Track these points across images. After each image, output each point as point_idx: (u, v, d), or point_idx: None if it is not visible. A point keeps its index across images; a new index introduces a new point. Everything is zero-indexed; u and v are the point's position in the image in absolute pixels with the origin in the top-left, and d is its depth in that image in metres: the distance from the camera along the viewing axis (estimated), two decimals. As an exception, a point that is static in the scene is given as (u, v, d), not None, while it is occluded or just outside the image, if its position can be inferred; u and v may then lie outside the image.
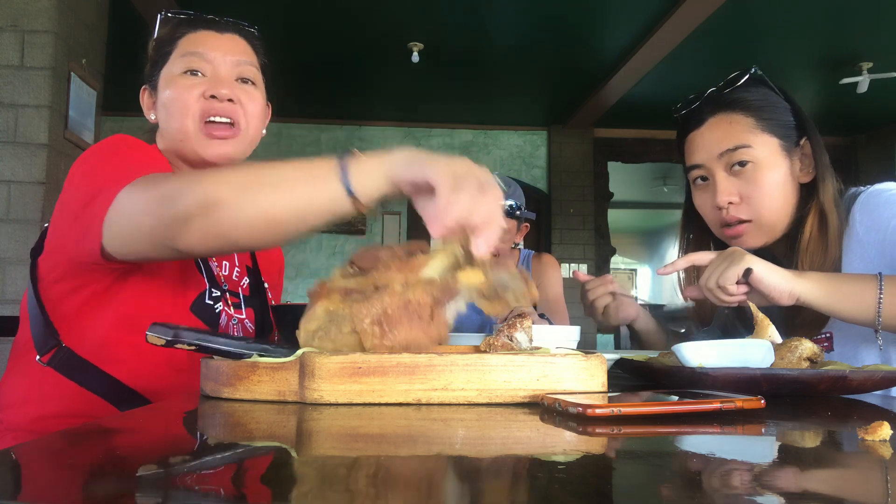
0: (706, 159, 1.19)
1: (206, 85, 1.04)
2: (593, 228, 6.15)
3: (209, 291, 1.05)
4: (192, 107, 1.03)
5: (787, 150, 1.17)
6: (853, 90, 4.76)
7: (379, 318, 0.61)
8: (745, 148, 1.15)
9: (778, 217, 1.17)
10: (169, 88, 1.05)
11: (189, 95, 1.03)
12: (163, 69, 1.08)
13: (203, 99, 1.03)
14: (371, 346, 0.62)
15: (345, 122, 6.08)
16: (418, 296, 0.62)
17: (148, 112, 1.12)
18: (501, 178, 2.13)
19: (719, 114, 1.19)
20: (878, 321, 0.96)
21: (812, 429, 0.58)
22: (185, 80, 1.04)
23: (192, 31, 1.08)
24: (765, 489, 0.35)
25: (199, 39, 1.07)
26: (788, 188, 1.16)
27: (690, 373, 0.75)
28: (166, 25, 1.11)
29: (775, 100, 1.19)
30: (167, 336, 0.64)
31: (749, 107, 1.17)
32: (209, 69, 1.06)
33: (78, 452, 0.43)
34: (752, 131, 1.16)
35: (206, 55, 1.05)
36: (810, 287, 0.99)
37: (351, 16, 4.10)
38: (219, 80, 1.05)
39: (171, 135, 1.07)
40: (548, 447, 0.47)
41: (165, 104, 1.05)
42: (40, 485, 0.35)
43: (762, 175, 1.15)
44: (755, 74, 1.21)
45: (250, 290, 1.16)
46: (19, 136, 2.68)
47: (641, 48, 4.36)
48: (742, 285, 1.01)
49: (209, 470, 0.39)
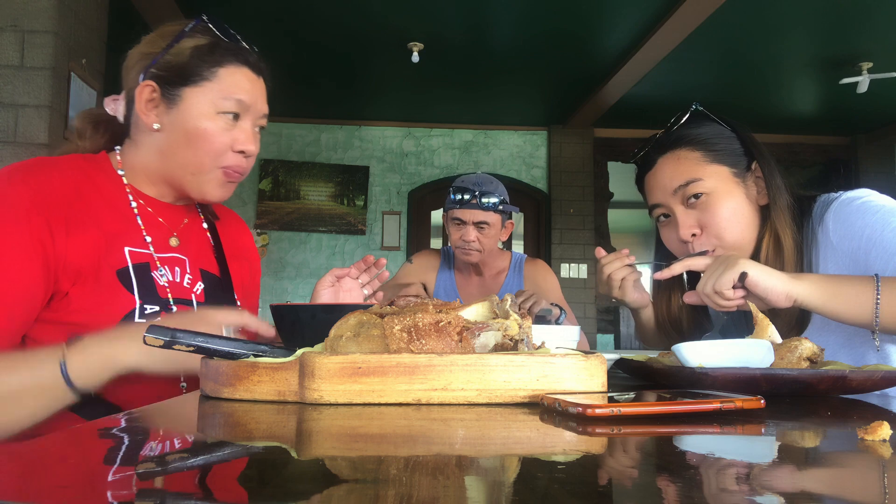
0: (662, 198, 1.24)
1: (237, 137, 1.05)
2: (593, 228, 6.16)
3: (141, 309, 0.98)
4: (221, 154, 1.04)
5: (740, 175, 1.20)
6: (853, 90, 4.76)
7: (409, 328, 0.62)
8: (696, 182, 1.19)
9: (742, 240, 1.19)
10: (200, 122, 1.02)
11: (221, 141, 1.03)
12: (190, 87, 1.02)
13: (231, 151, 1.05)
14: (396, 350, 0.62)
15: (345, 122, 6.08)
16: (450, 318, 0.64)
17: (149, 114, 1.03)
18: (484, 175, 2.16)
19: (668, 153, 1.23)
20: (875, 322, 0.97)
21: (812, 429, 0.58)
22: (220, 123, 1.03)
23: (233, 63, 1.05)
24: (765, 489, 0.35)
25: (239, 81, 1.05)
26: (746, 212, 1.19)
27: (690, 373, 0.75)
28: (205, 36, 1.05)
29: (719, 130, 1.23)
30: (165, 337, 0.64)
31: (694, 141, 1.21)
32: (242, 115, 1.06)
33: (78, 452, 0.43)
34: (700, 164, 1.20)
35: (244, 102, 1.05)
36: (808, 289, 0.99)
37: (351, 16, 4.10)
38: (248, 136, 1.06)
39: (180, 163, 1.04)
40: (548, 447, 0.47)
41: (189, 134, 1.02)
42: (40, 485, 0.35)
43: (717, 204, 1.18)
44: (696, 111, 1.25)
45: (206, 295, 1.11)
46: (19, 136, 2.68)
47: (641, 48, 4.36)
48: (739, 289, 1.01)
49: (209, 470, 0.39)
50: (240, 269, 1.23)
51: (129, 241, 1.02)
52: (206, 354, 0.67)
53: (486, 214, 2.08)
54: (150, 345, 0.64)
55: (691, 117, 1.24)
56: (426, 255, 2.37)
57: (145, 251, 1.04)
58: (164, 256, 1.06)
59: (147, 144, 1.06)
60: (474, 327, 0.64)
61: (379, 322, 0.65)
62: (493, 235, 2.14)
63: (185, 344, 0.65)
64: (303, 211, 5.98)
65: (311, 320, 0.90)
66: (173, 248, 1.09)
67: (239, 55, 1.06)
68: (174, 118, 1.03)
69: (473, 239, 2.10)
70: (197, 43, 1.04)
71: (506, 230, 2.20)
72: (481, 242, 2.12)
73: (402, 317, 0.63)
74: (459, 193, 2.09)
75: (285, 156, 6.02)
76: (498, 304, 0.70)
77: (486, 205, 2.07)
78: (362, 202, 6.06)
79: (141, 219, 1.06)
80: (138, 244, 1.04)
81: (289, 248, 5.99)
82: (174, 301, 1.04)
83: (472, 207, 2.07)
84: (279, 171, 5.97)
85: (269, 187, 5.95)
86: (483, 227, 2.09)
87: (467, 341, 0.63)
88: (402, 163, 6.18)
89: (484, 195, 2.07)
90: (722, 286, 1.01)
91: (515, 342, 0.65)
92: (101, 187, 1.04)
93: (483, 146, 6.26)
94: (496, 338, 0.64)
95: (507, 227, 2.20)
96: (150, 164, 1.06)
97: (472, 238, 2.09)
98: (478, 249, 2.13)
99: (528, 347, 0.67)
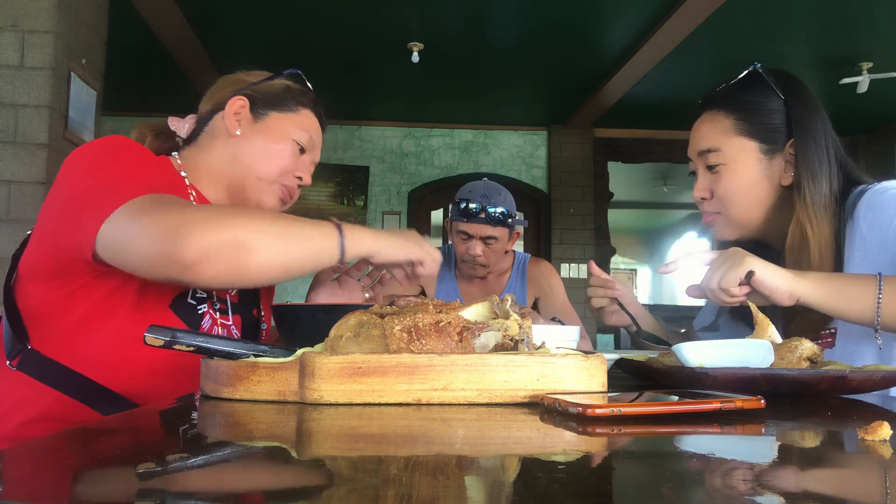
0: (691, 154, 1.26)
1: (300, 166, 1.19)
2: (593, 228, 6.15)
3: (193, 291, 1.05)
4: (286, 172, 1.16)
5: (767, 152, 1.18)
6: (853, 90, 4.76)
7: (409, 328, 0.62)
8: (715, 152, 1.19)
9: (747, 216, 1.20)
10: (279, 141, 1.15)
11: (289, 162, 1.16)
12: (277, 113, 1.17)
13: (292, 174, 1.18)
14: (396, 350, 0.62)
15: (345, 122, 6.08)
16: (450, 318, 0.64)
17: (234, 122, 1.14)
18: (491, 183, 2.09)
19: (707, 111, 1.23)
20: (877, 321, 0.97)
21: (812, 429, 0.58)
22: (293, 149, 1.17)
23: (311, 108, 1.22)
24: (765, 489, 0.35)
25: (312, 124, 1.22)
26: (760, 190, 1.18)
27: (690, 373, 0.75)
28: (298, 82, 1.24)
29: (766, 101, 1.19)
30: (165, 337, 0.64)
31: (733, 108, 1.20)
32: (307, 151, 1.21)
33: (78, 452, 0.43)
34: (727, 134, 1.19)
35: (312, 140, 1.21)
36: (810, 288, 0.99)
37: (351, 16, 4.10)
38: (307, 168, 1.21)
39: (251, 168, 1.13)
40: (548, 447, 0.47)
41: (268, 147, 1.14)
42: (41, 485, 0.35)
43: (730, 176, 1.19)
44: (754, 72, 1.21)
45: (239, 297, 1.16)
46: (19, 136, 2.68)
47: (641, 48, 4.36)
48: (744, 286, 1.01)
49: (209, 470, 0.39)
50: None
51: None
52: (206, 354, 0.67)
53: (493, 229, 2.01)
54: (151, 344, 0.64)
55: (746, 78, 1.22)
56: None
57: None
58: None
59: (220, 148, 1.15)
60: (474, 327, 0.64)
61: (379, 322, 0.65)
62: (500, 249, 2.08)
63: (185, 344, 0.65)
64: (303, 211, 5.93)
65: (311, 320, 0.90)
66: None
67: (316, 106, 1.25)
68: (258, 130, 1.15)
69: (480, 253, 2.04)
70: (290, 84, 1.22)
71: (512, 241, 2.14)
72: (487, 256, 2.06)
73: (403, 317, 0.63)
74: (465, 204, 2.01)
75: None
76: (498, 304, 0.70)
77: (494, 218, 2.00)
78: (362, 202, 6.06)
79: None
80: None
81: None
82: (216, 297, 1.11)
83: (479, 222, 2.00)
84: (279, 171, 5.96)
85: (269, 187, 5.95)
86: (490, 241, 2.03)
87: (467, 341, 0.63)
88: (402, 163, 6.17)
89: (491, 208, 1.99)
90: (728, 283, 1.01)
91: (515, 342, 0.65)
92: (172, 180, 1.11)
93: (483, 146, 6.26)
94: (496, 338, 0.64)
95: (513, 237, 2.13)
96: (219, 166, 1.14)
97: (478, 252, 2.03)
98: (483, 264, 2.08)
99: (529, 347, 0.67)
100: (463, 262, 2.12)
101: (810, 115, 1.17)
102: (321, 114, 1.26)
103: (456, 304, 0.70)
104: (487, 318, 0.69)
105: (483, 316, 0.69)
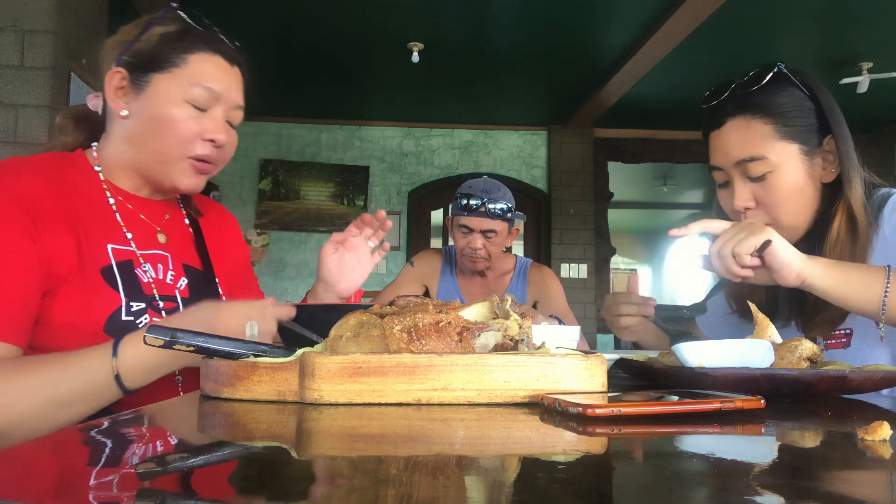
0: (724, 163, 1.17)
1: (206, 126, 1.02)
2: (593, 228, 6.15)
3: (127, 307, 0.97)
4: (188, 142, 1.01)
5: (808, 153, 1.14)
6: (853, 90, 4.76)
7: (409, 328, 0.62)
8: (761, 160, 1.12)
9: (797, 219, 1.15)
10: (167, 108, 1.00)
11: (188, 129, 1.01)
12: (159, 74, 1.00)
13: (200, 140, 1.02)
14: (396, 350, 0.62)
15: (345, 122, 6.08)
16: (450, 318, 0.64)
17: (118, 101, 1.01)
18: (491, 180, 2.16)
19: (738, 116, 1.15)
20: (881, 312, 0.96)
21: (812, 429, 0.58)
22: (188, 111, 1.01)
23: (204, 50, 1.03)
24: (765, 489, 0.35)
25: (210, 70, 1.03)
26: (808, 190, 1.14)
27: (690, 373, 0.75)
28: (175, 23, 1.04)
29: (799, 101, 1.15)
30: (165, 337, 0.64)
31: (769, 112, 1.13)
32: (212, 104, 1.04)
33: (78, 452, 0.42)
34: (769, 140, 1.12)
35: (214, 91, 1.02)
36: (818, 271, 0.98)
37: (351, 16, 4.10)
38: (218, 125, 1.04)
39: (147, 151, 1.02)
40: (548, 447, 0.47)
41: (155, 120, 1.00)
42: (41, 485, 0.35)
43: (778, 182, 1.12)
44: (780, 72, 1.16)
45: (190, 290, 1.09)
46: (19, 136, 2.68)
47: (641, 48, 4.35)
48: (755, 259, 0.99)
49: (209, 470, 0.39)
50: (225, 261, 1.22)
51: (111, 238, 1.02)
52: (206, 354, 0.67)
53: (493, 223, 2.09)
54: (151, 345, 0.64)
55: (773, 79, 1.15)
56: (427, 256, 2.36)
57: (128, 248, 1.03)
58: (146, 253, 1.06)
59: (117, 133, 1.04)
60: (474, 327, 0.64)
61: (379, 322, 0.65)
62: (500, 243, 2.15)
63: (185, 344, 0.65)
64: (303, 211, 5.98)
65: (311, 320, 0.90)
66: (158, 245, 1.09)
67: (211, 43, 1.03)
68: (142, 104, 1.00)
69: (480, 247, 2.11)
70: (166, 30, 1.02)
71: (511, 236, 2.21)
72: (488, 250, 2.13)
73: (402, 317, 0.63)
74: (466, 200, 2.08)
75: (285, 156, 6.02)
76: (498, 305, 0.70)
77: (494, 213, 2.07)
78: (362, 202, 6.06)
79: (120, 216, 1.05)
80: (120, 241, 1.03)
81: (289, 249, 5.98)
82: (159, 297, 1.03)
83: (479, 216, 2.08)
84: (279, 171, 5.96)
85: (268, 187, 5.94)
86: (490, 235, 2.10)
87: (467, 341, 0.63)
88: (402, 163, 6.17)
89: (491, 203, 2.07)
90: (743, 249, 0.98)
91: (515, 342, 0.65)
92: (78, 185, 1.02)
93: (483, 146, 6.26)
94: (496, 338, 0.64)
95: (513, 233, 2.21)
96: (121, 154, 1.04)
97: (478, 246, 2.10)
98: (484, 257, 2.14)
99: (528, 347, 0.67)
100: (463, 256, 2.17)
101: (836, 109, 1.16)
102: (223, 48, 1.05)
103: (456, 304, 0.70)
104: (487, 318, 0.69)
105: (483, 316, 0.69)
